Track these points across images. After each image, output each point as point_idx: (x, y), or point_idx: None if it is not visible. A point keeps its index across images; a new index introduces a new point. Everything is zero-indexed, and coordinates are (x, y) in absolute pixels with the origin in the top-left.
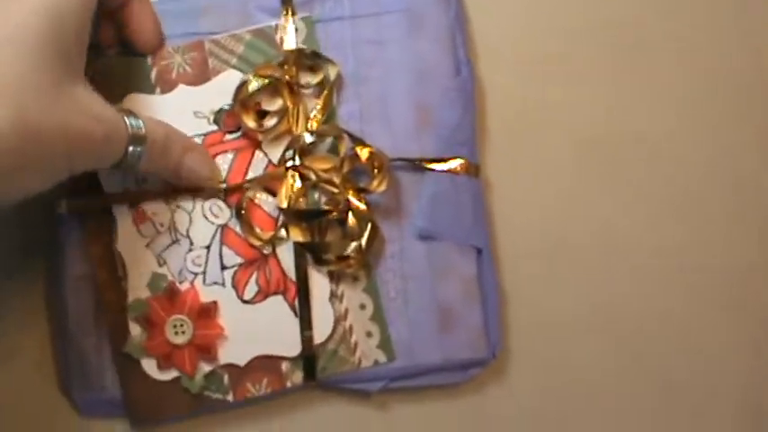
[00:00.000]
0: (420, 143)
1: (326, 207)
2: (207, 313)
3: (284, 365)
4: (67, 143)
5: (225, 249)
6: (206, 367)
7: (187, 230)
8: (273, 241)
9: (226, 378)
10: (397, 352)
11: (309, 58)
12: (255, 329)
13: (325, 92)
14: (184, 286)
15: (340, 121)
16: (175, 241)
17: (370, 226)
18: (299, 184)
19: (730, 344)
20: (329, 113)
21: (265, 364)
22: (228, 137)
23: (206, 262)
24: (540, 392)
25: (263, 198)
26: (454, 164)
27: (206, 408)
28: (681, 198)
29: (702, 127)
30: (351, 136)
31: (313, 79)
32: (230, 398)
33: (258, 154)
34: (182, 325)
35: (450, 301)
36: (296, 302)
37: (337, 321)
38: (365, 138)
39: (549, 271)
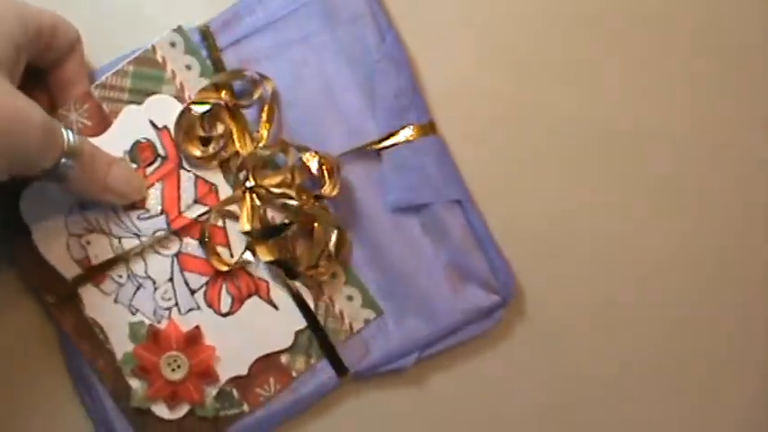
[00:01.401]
0: (375, 120)
1: (288, 221)
2: (193, 340)
3: (284, 358)
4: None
5: (187, 275)
6: (212, 390)
7: (146, 272)
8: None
9: (234, 392)
10: (421, 321)
11: (242, 79)
12: (244, 336)
13: (266, 107)
14: (163, 324)
15: (289, 129)
16: (139, 286)
17: (336, 231)
18: (258, 203)
19: (734, 337)
20: (275, 127)
21: (266, 364)
22: (149, 169)
23: (174, 294)
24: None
25: (219, 223)
26: (406, 133)
27: (230, 427)
28: (700, 208)
29: (695, 120)
30: (297, 147)
31: (249, 100)
32: (246, 408)
33: (183, 174)
34: (175, 360)
35: (452, 257)
36: (271, 296)
37: (317, 299)
38: (321, 137)
39: (542, 255)
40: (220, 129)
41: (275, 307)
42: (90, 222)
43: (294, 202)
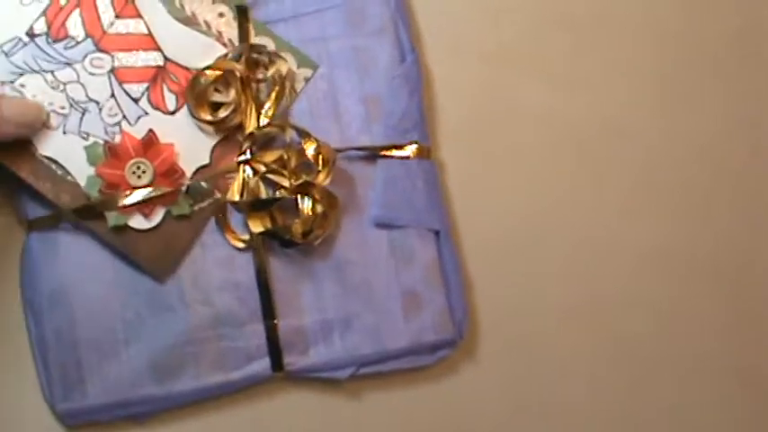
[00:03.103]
0: (370, 134)
1: (279, 194)
2: (150, 143)
3: (239, 135)
4: None
5: (127, 87)
6: (182, 186)
7: (87, 96)
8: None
9: (203, 183)
10: (366, 339)
11: (262, 54)
12: (196, 127)
13: (277, 87)
14: (118, 138)
15: (291, 119)
16: (84, 111)
17: (328, 196)
18: (250, 175)
19: (712, 331)
20: (281, 110)
21: (225, 146)
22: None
23: (119, 107)
24: (510, 374)
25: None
26: (408, 150)
27: (207, 222)
28: (676, 204)
29: (669, 118)
30: (297, 129)
31: (265, 74)
32: (218, 195)
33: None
34: (138, 167)
35: (413, 285)
36: None
37: None
38: (316, 134)
39: (517, 252)
40: (231, 97)
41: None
42: (19, 66)
43: (285, 181)
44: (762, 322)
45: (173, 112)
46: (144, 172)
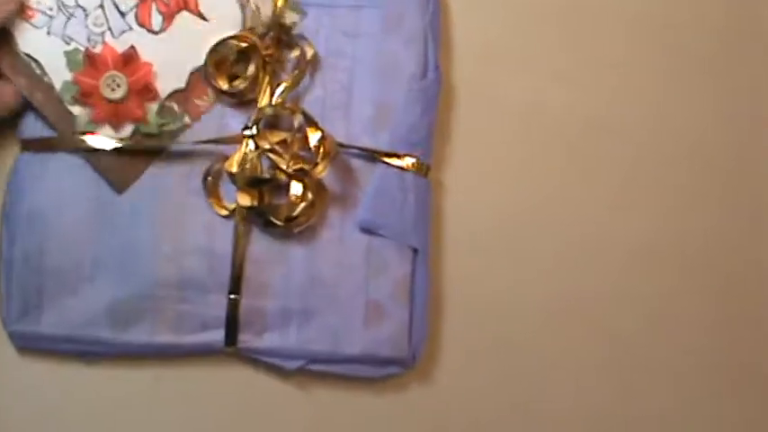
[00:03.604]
0: (375, 138)
1: (274, 175)
2: (130, 59)
3: None
4: None
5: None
6: (154, 106)
7: (75, 1)
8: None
9: (175, 106)
10: (322, 336)
11: (288, 35)
12: (178, 51)
13: (297, 71)
14: (98, 48)
15: (303, 105)
16: (70, 16)
17: (320, 188)
18: (252, 149)
19: (701, 327)
20: (295, 91)
21: (200, 78)
22: None
23: (106, 18)
24: (498, 372)
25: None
26: (407, 161)
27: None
28: (664, 200)
29: (666, 111)
30: (306, 116)
31: (288, 54)
32: (188, 120)
33: None
34: (114, 80)
35: (380, 296)
36: (200, 8)
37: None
38: (323, 124)
39: (500, 269)
40: (250, 71)
41: (205, 19)
42: None
43: (283, 163)
44: (753, 319)
45: (157, 32)
46: (119, 86)
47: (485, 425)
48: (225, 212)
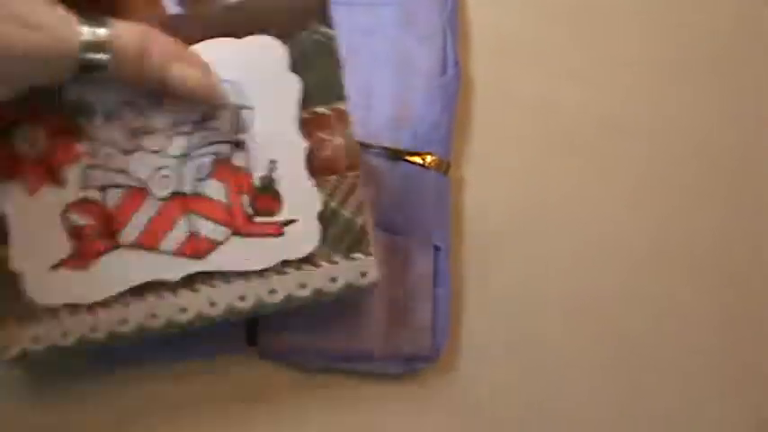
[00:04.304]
0: (396, 136)
1: None
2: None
3: None
4: None
5: None
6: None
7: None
8: None
9: None
10: (344, 335)
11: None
12: None
13: None
14: None
15: None
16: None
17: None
18: None
19: (713, 328)
20: None
21: None
22: None
23: None
24: (514, 371)
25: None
26: (428, 159)
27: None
28: (674, 200)
29: (672, 115)
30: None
31: None
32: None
33: None
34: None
35: (402, 294)
36: None
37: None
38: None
39: (517, 247)
40: None
41: None
42: None
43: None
44: (763, 319)
45: None
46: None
47: (503, 421)
48: None
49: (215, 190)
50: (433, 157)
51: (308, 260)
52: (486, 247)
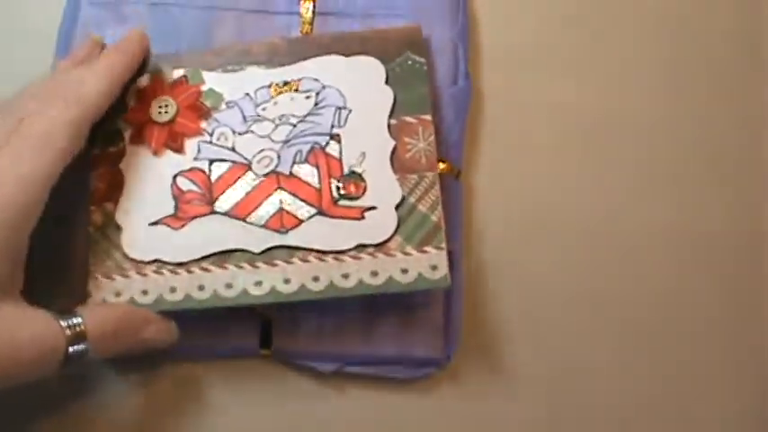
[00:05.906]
0: None
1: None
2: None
3: None
4: None
5: None
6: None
7: None
8: None
9: None
10: (357, 337)
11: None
12: None
13: None
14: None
15: None
16: None
17: None
18: None
19: (714, 322)
20: None
21: None
22: None
23: None
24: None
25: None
26: (440, 166)
27: None
28: (677, 193)
29: (671, 109)
30: None
31: None
32: None
33: None
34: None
35: (414, 297)
36: None
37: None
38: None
39: (532, 268)
40: None
41: None
42: None
43: None
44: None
45: None
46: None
47: (513, 428)
48: None
49: (309, 172)
50: (445, 165)
51: (383, 247)
52: (497, 252)
